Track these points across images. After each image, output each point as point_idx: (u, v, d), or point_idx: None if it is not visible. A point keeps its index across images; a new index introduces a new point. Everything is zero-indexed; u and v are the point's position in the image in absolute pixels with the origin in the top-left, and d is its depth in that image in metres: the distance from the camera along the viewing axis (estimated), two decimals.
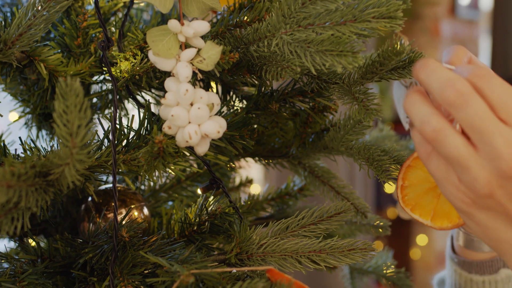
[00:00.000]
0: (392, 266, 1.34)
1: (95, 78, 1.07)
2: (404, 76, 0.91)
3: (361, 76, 0.90)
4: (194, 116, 0.85)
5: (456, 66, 0.82)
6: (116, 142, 0.92)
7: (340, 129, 1.04)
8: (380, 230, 1.26)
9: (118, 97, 1.12)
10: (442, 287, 1.32)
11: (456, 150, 0.76)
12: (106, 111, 1.13)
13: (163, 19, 1.13)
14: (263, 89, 1.05)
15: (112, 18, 1.13)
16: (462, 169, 0.77)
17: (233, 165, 1.23)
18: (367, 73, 0.90)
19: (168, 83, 0.87)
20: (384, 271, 1.34)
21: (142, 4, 1.18)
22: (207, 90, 1.02)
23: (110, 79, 0.99)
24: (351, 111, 0.95)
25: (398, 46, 0.85)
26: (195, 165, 1.23)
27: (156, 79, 0.96)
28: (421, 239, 4.42)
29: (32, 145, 0.96)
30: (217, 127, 0.86)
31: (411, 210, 0.95)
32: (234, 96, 1.11)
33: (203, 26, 0.85)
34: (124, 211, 1.02)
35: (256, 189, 1.42)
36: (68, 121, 0.72)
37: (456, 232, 1.19)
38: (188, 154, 0.93)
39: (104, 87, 1.12)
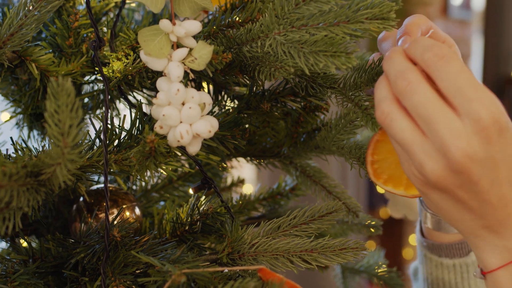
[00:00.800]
0: (384, 266, 1.35)
1: (86, 78, 1.07)
2: None
3: (365, 83, 0.91)
4: (185, 116, 0.85)
5: (413, 36, 0.83)
6: (107, 142, 0.92)
7: (331, 129, 1.04)
8: (372, 229, 1.26)
9: (109, 97, 1.12)
10: (416, 276, 1.31)
11: (400, 134, 0.77)
12: (98, 111, 1.13)
13: (155, 19, 1.13)
14: (254, 89, 1.05)
15: (104, 18, 1.13)
16: (408, 153, 0.78)
17: (225, 165, 1.23)
18: (371, 81, 0.90)
19: (160, 82, 0.87)
20: (376, 271, 1.34)
21: (133, 4, 1.18)
22: (198, 90, 1.02)
23: (101, 79, 0.99)
24: (343, 111, 0.95)
25: None
26: (186, 165, 1.24)
27: (148, 79, 0.96)
28: (413, 239, 4.42)
29: (24, 145, 0.96)
30: (208, 126, 0.86)
31: (384, 184, 0.95)
32: (225, 96, 1.11)
33: (195, 26, 0.85)
34: (115, 211, 1.02)
35: (248, 189, 1.42)
36: (59, 121, 0.72)
37: (423, 214, 1.17)
38: (179, 154, 0.93)
39: (96, 87, 1.12)
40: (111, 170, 0.92)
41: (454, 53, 0.76)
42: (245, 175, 1.47)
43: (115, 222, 0.99)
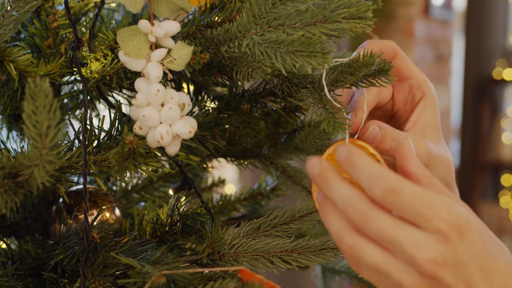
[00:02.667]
0: None
1: (65, 78, 1.07)
2: (374, 85, 0.92)
3: (331, 83, 0.90)
4: (165, 117, 0.85)
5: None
6: (86, 142, 0.92)
7: (309, 134, 1.04)
8: None
9: (89, 97, 1.11)
10: None
11: (372, 261, 0.77)
12: (77, 112, 1.13)
13: (135, 19, 1.12)
14: (234, 89, 1.05)
15: (83, 19, 1.12)
16: (385, 276, 0.78)
17: (205, 166, 1.22)
18: (337, 81, 0.90)
19: (139, 83, 0.87)
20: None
21: (113, 5, 1.18)
22: (178, 90, 1.02)
23: (80, 79, 0.98)
24: (313, 119, 0.95)
25: (369, 57, 0.85)
26: (167, 166, 1.23)
27: (127, 80, 0.96)
28: None
29: (2, 146, 0.95)
30: (188, 127, 0.86)
31: None
32: (205, 96, 1.11)
33: (174, 26, 0.85)
34: (95, 212, 1.02)
35: (230, 189, 1.42)
36: (37, 122, 0.72)
37: None
38: (159, 154, 0.93)
39: (75, 88, 1.12)
40: (90, 171, 0.91)
41: (400, 181, 0.76)
42: (227, 176, 1.47)
43: (95, 223, 0.99)
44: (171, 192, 1.06)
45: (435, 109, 1.00)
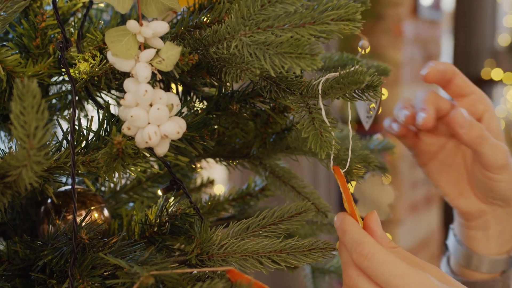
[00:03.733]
0: None
1: (54, 79, 1.06)
2: (362, 99, 0.92)
3: (321, 98, 0.91)
4: (153, 117, 0.85)
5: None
6: (75, 143, 0.92)
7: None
8: None
9: (77, 98, 1.11)
10: None
11: None
12: (66, 112, 1.12)
13: (123, 20, 1.12)
14: (223, 90, 1.05)
15: (72, 19, 1.12)
16: None
17: (194, 166, 1.22)
18: (325, 93, 0.91)
19: (127, 83, 0.87)
20: None
21: (101, 5, 1.18)
22: (167, 91, 1.02)
23: (69, 80, 0.98)
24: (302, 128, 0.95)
25: (359, 74, 0.85)
26: (156, 166, 1.23)
27: (115, 80, 0.96)
28: None
29: None
30: (177, 127, 0.86)
31: None
32: (194, 97, 1.11)
33: (162, 27, 0.85)
34: (84, 213, 1.02)
35: (219, 189, 1.42)
36: (25, 123, 0.72)
37: (455, 250, 1.21)
38: (148, 155, 0.93)
39: (64, 88, 1.11)
40: (79, 171, 0.91)
41: (375, 248, 0.83)
42: (217, 176, 1.48)
43: (83, 224, 0.99)
44: (159, 192, 1.06)
45: (497, 119, 1.11)
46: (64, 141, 0.94)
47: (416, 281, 0.79)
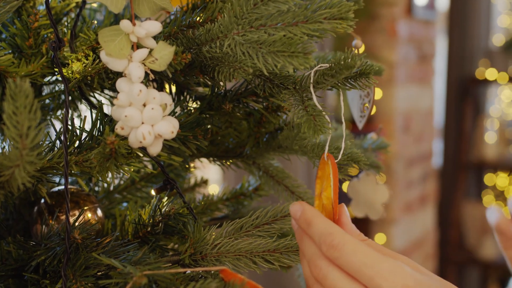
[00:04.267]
0: None
1: (47, 79, 1.06)
2: (355, 87, 0.92)
3: (312, 85, 0.90)
4: (147, 117, 0.85)
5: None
6: (68, 143, 0.92)
7: (293, 128, 1.04)
8: None
9: (70, 98, 1.11)
10: None
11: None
12: (59, 112, 1.12)
13: (116, 19, 1.12)
14: (216, 89, 1.05)
15: (65, 19, 1.12)
16: None
17: (188, 166, 1.22)
18: (318, 83, 0.91)
19: (120, 83, 0.86)
20: None
21: (95, 5, 1.18)
22: (160, 90, 1.02)
23: (61, 80, 0.98)
24: (296, 119, 0.95)
25: (350, 59, 0.85)
26: (149, 166, 1.23)
27: (108, 80, 0.95)
28: (379, 238, 4.45)
29: None
30: (170, 127, 0.86)
31: None
32: (187, 97, 1.11)
33: (155, 27, 0.85)
34: (77, 213, 1.02)
35: (214, 189, 1.41)
36: (18, 123, 0.71)
37: None
38: (141, 155, 0.93)
39: (57, 88, 1.11)
40: (72, 171, 0.91)
41: (344, 238, 0.82)
42: (211, 176, 1.47)
43: (77, 224, 0.99)
44: (153, 192, 1.06)
45: None
46: (57, 141, 0.94)
47: (387, 269, 0.78)
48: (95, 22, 1.12)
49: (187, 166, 1.20)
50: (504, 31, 6.49)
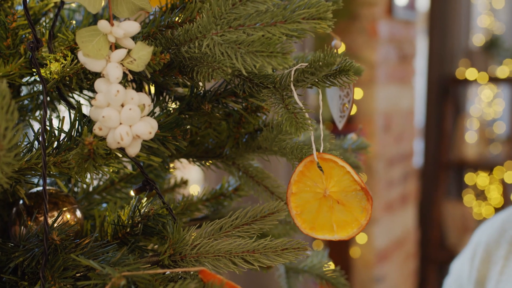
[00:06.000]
0: (328, 265, 1.35)
1: (25, 79, 1.06)
2: (335, 85, 0.92)
3: (292, 83, 0.91)
4: (125, 117, 0.85)
5: None
6: (46, 144, 0.91)
7: (273, 129, 1.04)
8: None
9: (49, 98, 1.10)
10: None
11: None
12: (37, 113, 1.12)
13: (95, 20, 1.12)
14: (195, 90, 1.05)
15: (43, 19, 1.11)
16: None
17: (168, 167, 1.22)
18: (298, 81, 0.91)
19: (99, 84, 0.86)
20: (323, 270, 1.35)
21: (73, 5, 1.17)
22: (139, 91, 1.01)
23: (40, 80, 0.97)
24: (275, 119, 0.95)
25: (330, 56, 0.86)
26: (128, 167, 1.23)
27: (87, 80, 0.95)
28: (360, 238, 4.47)
29: None
30: (148, 128, 0.86)
31: (314, 233, 0.97)
32: (167, 97, 1.11)
33: (133, 27, 0.85)
34: (56, 214, 1.01)
35: (194, 189, 1.41)
36: None
37: None
38: (120, 155, 0.92)
39: (35, 89, 1.11)
40: (50, 172, 0.91)
41: None
42: (192, 176, 1.47)
43: (55, 225, 0.98)
44: (132, 193, 1.05)
45: None
46: (36, 142, 0.94)
47: None
48: (74, 22, 1.12)
49: (166, 166, 1.19)
50: (484, 31, 6.54)
